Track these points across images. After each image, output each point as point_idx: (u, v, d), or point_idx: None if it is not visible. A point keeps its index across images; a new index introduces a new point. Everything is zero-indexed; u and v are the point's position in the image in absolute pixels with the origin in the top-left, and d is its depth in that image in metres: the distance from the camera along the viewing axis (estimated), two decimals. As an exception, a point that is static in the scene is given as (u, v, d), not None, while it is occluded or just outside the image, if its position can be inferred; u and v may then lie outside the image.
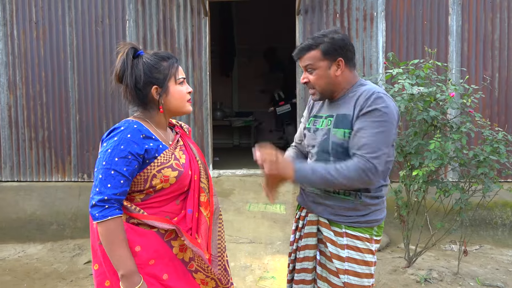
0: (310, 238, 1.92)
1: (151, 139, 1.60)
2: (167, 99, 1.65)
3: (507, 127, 4.69)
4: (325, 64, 1.81)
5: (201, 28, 5.19)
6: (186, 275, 1.64)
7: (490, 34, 4.89)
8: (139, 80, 1.62)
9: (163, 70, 1.63)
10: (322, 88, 1.85)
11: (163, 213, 1.62)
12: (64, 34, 5.29)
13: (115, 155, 1.53)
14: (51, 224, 5.15)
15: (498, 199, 4.46)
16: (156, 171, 1.58)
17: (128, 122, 1.60)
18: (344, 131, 1.79)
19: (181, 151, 1.70)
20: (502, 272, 3.86)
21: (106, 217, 1.50)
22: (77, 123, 5.34)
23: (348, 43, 1.84)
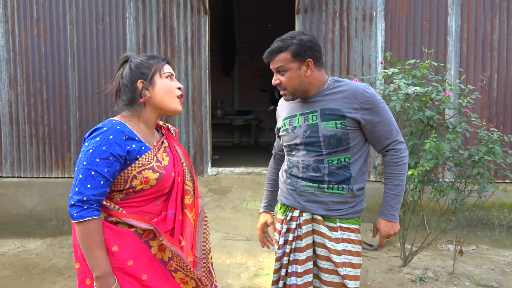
0: (309, 237, 1.95)
1: (133, 140, 1.59)
2: (154, 93, 1.65)
3: (503, 128, 4.70)
4: (295, 65, 1.88)
5: (200, 26, 5.21)
6: (166, 275, 1.64)
7: (489, 35, 4.89)
8: (126, 77, 1.67)
9: (148, 66, 1.66)
10: (294, 89, 1.92)
11: (142, 213, 1.61)
12: (64, 32, 5.32)
13: (96, 156, 1.51)
14: (50, 219, 5.19)
15: (495, 199, 4.47)
16: (137, 172, 1.57)
17: (112, 123, 1.59)
18: (335, 123, 1.87)
19: (165, 152, 1.68)
20: (498, 273, 3.87)
21: (84, 218, 1.49)
22: (77, 120, 5.37)
23: (316, 44, 1.90)
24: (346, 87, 1.92)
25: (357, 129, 1.90)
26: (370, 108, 1.87)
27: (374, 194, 4.15)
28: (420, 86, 3.30)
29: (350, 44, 5.05)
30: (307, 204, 1.93)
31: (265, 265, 3.49)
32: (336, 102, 1.89)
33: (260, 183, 5.02)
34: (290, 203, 1.99)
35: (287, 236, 1.98)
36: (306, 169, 1.93)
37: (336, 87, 1.93)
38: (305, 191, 1.94)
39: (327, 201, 1.91)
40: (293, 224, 1.97)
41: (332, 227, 1.93)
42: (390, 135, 1.91)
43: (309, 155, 1.92)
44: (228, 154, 6.82)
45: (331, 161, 1.90)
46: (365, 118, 1.87)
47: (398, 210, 1.94)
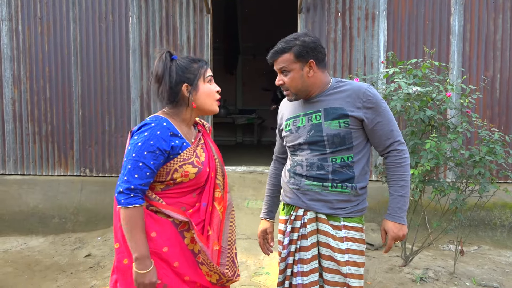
0: (313, 236, 1.96)
1: (177, 136, 1.74)
2: (196, 96, 1.79)
3: (505, 128, 4.68)
4: (298, 66, 1.91)
5: (203, 25, 5.22)
6: (194, 265, 1.76)
7: (492, 35, 4.88)
8: (172, 79, 1.77)
9: (193, 71, 1.79)
10: (296, 89, 1.95)
11: (179, 203, 1.75)
12: (68, 30, 5.34)
13: (145, 149, 1.66)
14: (53, 217, 5.22)
15: (497, 200, 4.46)
16: (178, 166, 1.72)
17: (158, 119, 1.73)
18: (338, 122, 1.90)
19: (201, 149, 1.83)
20: (499, 273, 3.86)
21: (130, 205, 1.64)
22: (80, 118, 5.40)
23: (319, 45, 1.93)
24: (349, 86, 1.95)
25: (360, 128, 1.93)
26: (372, 107, 1.90)
27: (376, 194, 4.15)
28: (421, 85, 3.29)
29: (352, 44, 5.05)
30: (312, 203, 1.95)
31: (265, 264, 3.51)
32: (339, 102, 1.92)
33: (261, 182, 5.03)
34: (294, 203, 2.00)
35: (291, 236, 1.99)
36: (310, 167, 1.95)
37: (338, 87, 1.96)
38: (309, 189, 1.95)
39: (331, 200, 1.93)
40: (297, 223, 1.98)
41: (336, 225, 1.94)
42: (391, 136, 1.93)
43: (313, 154, 1.94)
44: (231, 153, 6.83)
45: (335, 160, 1.92)
46: (367, 117, 1.90)
47: (405, 212, 1.94)
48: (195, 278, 1.76)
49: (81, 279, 3.81)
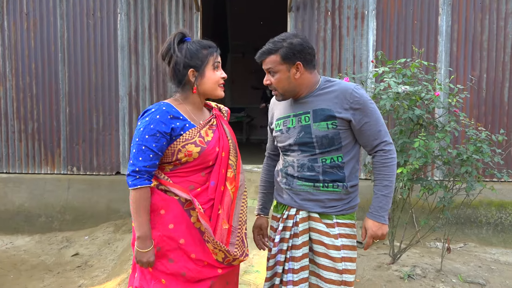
0: (305, 235, 1.99)
1: (178, 119, 1.83)
2: (201, 82, 1.87)
3: (492, 127, 4.76)
4: (284, 67, 1.92)
5: (192, 23, 5.20)
6: (201, 243, 1.84)
7: (479, 35, 4.94)
8: (180, 62, 1.85)
9: (201, 57, 1.86)
10: (283, 90, 1.96)
11: (188, 182, 1.84)
12: (55, 26, 5.27)
13: (146, 133, 1.78)
14: (39, 216, 5.15)
15: (483, 198, 4.53)
16: (181, 146, 1.81)
17: (159, 105, 1.84)
18: (326, 123, 1.91)
19: (210, 129, 1.90)
20: (485, 270, 3.92)
21: (136, 186, 1.76)
22: (67, 115, 5.33)
23: (307, 47, 1.92)
24: (336, 87, 1.95)
25: (348, 129, 1.94)
26: (359, 108, 1.90)
27: (365, 192, 4.17)
28: (410, 85, 3.32)
29: (342, 43, 5.07)
30: (304, 202, 1.97)
31: (254, 262, 3.51)
32: (326, 103, 1.93)
33: (250, 180, 5.02)
34: (287, 202, 2.03)
35: (283, 234, 2.01)
36: (301, 168, 1.97)
37: (326, 87, 1.97)
38: (301, 190, 1.97)
39: (323, 199, 1.95)
40: (289, 222, 2.00)
41: (329, 223, 1.97)
42: (379, 136, 1.94)
43: (304, 155, 1.96)
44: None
45: (325, 160, 1.94)
46: (355, 118, 1.90)
47: (387, 211, 1.95)
48: (202, 256, 1.83)
49: (68, 278, 3.77)
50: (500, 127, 4.74)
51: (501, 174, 3.46)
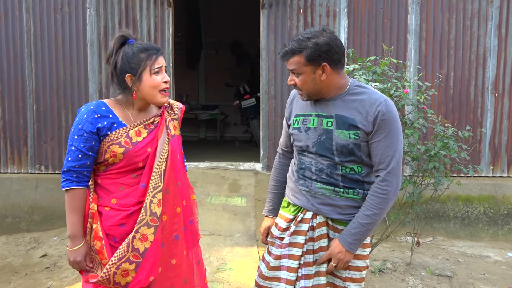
0: (322, 240, 1.91)
1: (106, 117, 1.80)
2: (140, 87, 1.81)
3: (458, 124, 4.89)
4: (309, 69, 1.79)
5: (164, 19, 5.13)
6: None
7: (447, 34, 5.07)
8: (118, 67, 1.82)
9: (138, 61, 1.79)
10: (308, 91, 1.85)
11: (118, 184, 1.83)
12: (20, 21, 5.10)
13: (75, 133, 1.79)
14: (5, 217, 4.99)
15: (450, 193, 4.66)
16: (107, 147, 1.79)
17: (89, 104, 1.84)
18: (348, 133, 1.81)
19: (146, 129, 1.84)
20: (452, 262, 4.04)
21: (64, 187, 1.79)
22: (34, 113, 5.17)
23: (334, 46, 1.78)
24: (366, 96, 1.83)
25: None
26: (381, 124, 1.78)
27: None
28: (380, 82, 3.38)
29: (314, 40, 5.10)
30: (322, 207, 1.88)
31: (228, 260, 3.50)
32: (351, 111, 1.82)
33: (224, 178, 5.01)
34: (303, 204, 1.92)
35: (294, 238, 1.91)
36: (320, 172, 1.87)
37: (355, 93, 1.85)
38: (320, 193, 1.88)
39: (342, 205, 1.87)
40: (304, 226, 1.90)
41: (341, 230, 1.89)
42: (386, 161, 1.79)
43: (322, 159, 1.87)
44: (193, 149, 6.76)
45: (344, 169, 1.85)
46: (375, 131, 1.79)
47: (358, 242, 1.82)
48: None
49: (37, 280, 3.67)
50: (466, 124, 4.88)
51: (467, 170, 3.57)
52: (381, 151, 1.79)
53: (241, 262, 3.46)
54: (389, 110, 1.79)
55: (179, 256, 1.89)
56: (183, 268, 1.92)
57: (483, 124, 5.09)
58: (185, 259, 1.93)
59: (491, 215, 4.94)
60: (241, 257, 3.53)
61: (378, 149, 1.80)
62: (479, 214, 4.95)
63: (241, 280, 3.22)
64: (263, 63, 5.12)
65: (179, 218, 1.90)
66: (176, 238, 1.88)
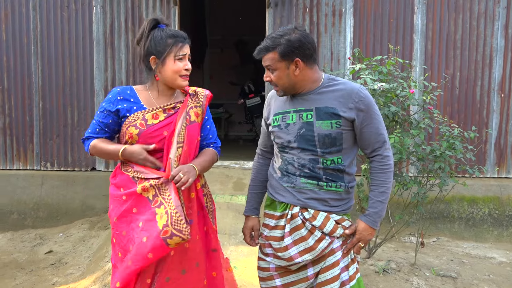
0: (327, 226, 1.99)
1: (127, 100, 1.95)
2: (161, 70, 1.92)
3: (464, 124, 4.88)
4: (283, 65, 1.88)
5: (170, 17, 5.13)
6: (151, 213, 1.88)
7: (453, 34, 5.05)
8: (145, 49, 1.93)
9: (165, 46, 1.89)
10: (284, 87, 1.93)
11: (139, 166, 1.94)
12: (27, 18, 5.12)
13: (99, 109, 1.99)
14: (11, 213, 5.02)
15: (455, 193, 4.65)
16: (126, 128, 1.93)
17: (118, 87, 2.00)
18: (330, 122, 1.89)
19: (165, 113, 1.94)
20: (456, 263, 4.03)
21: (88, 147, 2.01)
22: (40, 110, 5.20)
23: (306, 42, 1.87)
24: (342, 86, 1.93)
25: (350, 130, 1.92)
26: (364, 108, 1.89)
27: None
28: (386, 82, 3.37)
29: (320, 40, 5.10)
30: (309, 201, 1.94)
31: (232, 258, 3.50)
32: (331, 101, 1.90)
33: (228, 176, 5.01)
34: (289, 201, 1.98)
35: (296, 235, 1.96)
36: (302, 167, 1.94)
37: (331, 85, 1.94)
38: (305, 188, 1.94)
39: (326, 198, 1.94)
40: (299, 221, 1.96)
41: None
42: (380, 139, 1.93)
43: (304, 154, 1.93)
44: (197, 147, 6.77)
45: (326, 161, 1.92)
46: (358, 118, 1.89)
47: (381, 218, 1.95)
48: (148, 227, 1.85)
49: (42, 276, 3.69)
50: (472, 124, 4.86)
51: (473, 170, 3.56)
52: (373, 132, 1.92)
53: (246, 260, 3.47)
54: (367, 94, 1.93)
55: (192, 239, 1.93)
56: (196, 252, 1.97)
57: (489, 124, 5.06)
58: (198, 244, 1.98)
59: (496, 216, 4.93)
60: (246, 256, 3.54)
61: (371, 131, 1.92)
62: (484, 215, 4.94)
63: (245, 278, 3.23)
64: (268, 62, 5.11)
65: (193, 203, 1.96)
66: (190, 222, 1.93)
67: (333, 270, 1.93)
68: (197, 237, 1.97)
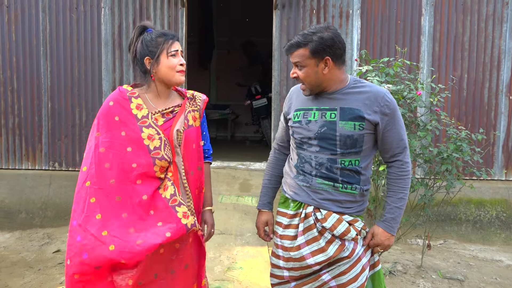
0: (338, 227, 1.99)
1: None
2: (158, 69, 1.94)
3: (471, 127, 4.85)
4: (313, 62, 1.87)
5: (177, 18, 5.16)
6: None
7: (461, 36, 5.03)
8: (138, 52, 1.97)
9: (156, 45, 1.93)
10: (311, 84, 1.92)
11: None
12: (37, 20, 5.18)
13: None
14: (20, 212, 5.07)
15: (462, 195, 4.62)
16: None
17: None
18: (354, 124, 1.89)
19: (163, 118, 1.97)
20: (463, 266, 4.01)
21: None
22: (49, 110, 5.25)
23: (338, 41, 1.87)
24: (368, 88, 1.93)
25: (372, 133, 1.93)
26: (389, 113, 1.90)
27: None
28: (393, 84, 3.37)
29: (327, 41, 5.09)
30: (324, 202, 1.95)
31: (238, 259, 3.52)
32: (356, 103, 1.90)
33: (235, 177, 5.03)
34: (303, 200, 1.98)
35: (310, 235, 1.96)
36: (320, 166, 1.93)
37: (357, 87, 1.94)
38: (321, 188, 1.94)
39: (341, 200, 1.95)
40: (311, 221, 1.96)
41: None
42: (401, 145, 1.94)
43: (323, 153, 1.93)
44: (204, 148, 6.79)
45: (344, 162, 1.92)
46: (382, 122, 1.90)
47: (398, 224, 1.97)
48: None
49: (50, 275, 3.73)
50: (479, 127, 4.84)
51: (480, 173, 3.54)
52: (395, 137, 1.93)
53: (251, 261, 3.48)
54: (392, 99, 1.93)
55: (184, 241, 1.94)
56: (186, 253, 1.97)
57: (497, 127, 5.03)
58: (189, 246, 1.98)
59: (503, 219, 4.89)
60: (252, 257, 3.55)
61: (393, 135, 1.92)
62: (492, 218, 4.90)
63: (251, 279, 3.24)
64: (275, 64, 5.13)
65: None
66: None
67: (350, 273, 1.94)
68: (190, 240, 1.97)
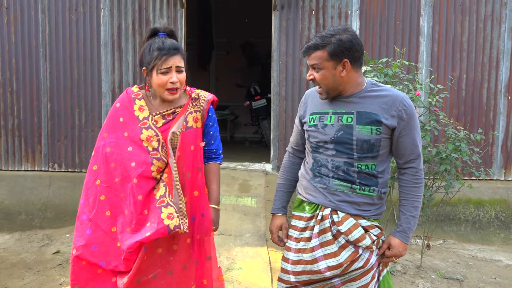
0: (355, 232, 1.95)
1: None
2: (151, 81, 1.96)
3: (470, 127, 4.86)
4: (331, 64, 1.84)
5: (177, 19, 5.17)
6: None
7: (459, 36, 5.04)
8: (139, 59, 2.02)
9: (151, 59, 1.90)
10: (327, 87, 1.89)
11: None
12: (36, 21, 5.18)
13: None
14: (19, 213, 5.07)
15: (462, 196, 4.63)
16: None
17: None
18: (371, 128, 1.86)
19: (163, 119, 1.97)
20: (463, 266, 4.02)
21: None
22: (48, 111, 5.25)
23: (356, 44, 1.84)
24: (385, 92, 1.90)
25: (389, 138, 1.90)
26: (406, 118, 1.86)
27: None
28: (392, 84, 3.38)
29: (326, 42, 5.10)
30: (341, 204, 1.91)
31: (238, 259, 3.52)
32: (373, 107, 1.87)
33: (234, 178, 5.03)
34: (320, 202, 1.95)
35: (324, 238, 1.94)
36: (336, 169, 1.91)
37: (374, 91, 1.91)
38: (338, 190, 1.91)
39: (358, 202, 1.91)
40: (327, 223, 1.93)
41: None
42: (415, 151, 1.90)
43: (339, 156, 1.90)
44: (203, 149, 6.80)
45: (360, 166, 1.89)
46: (399, 126, 1.87)
47: (413, 232, 1.95)
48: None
49: (49, 276, 3.73)
50: (478, 127, 4.85)
51: (479, 173, 3.56)
52: (410, 143, 1.89)
53: (251, 262, 3.48)
54: (411, 104, 1.89)
55: (181, 242, 1.94)
56: (183, 254, 1.96)
57: (496, 127, 5.04)
58: (187, 247, 1.97)
59: (503, 219, 4.90)
60: (251, 257, 3.55)
61: (408, 141, 1.88)
62: (491, 218, 4.91)
63: (250, 280, 3.24)
64: (274, 64, 5.14)
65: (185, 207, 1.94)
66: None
67: (360, 280, 1.92)
68: (188, 241, 1.97)
